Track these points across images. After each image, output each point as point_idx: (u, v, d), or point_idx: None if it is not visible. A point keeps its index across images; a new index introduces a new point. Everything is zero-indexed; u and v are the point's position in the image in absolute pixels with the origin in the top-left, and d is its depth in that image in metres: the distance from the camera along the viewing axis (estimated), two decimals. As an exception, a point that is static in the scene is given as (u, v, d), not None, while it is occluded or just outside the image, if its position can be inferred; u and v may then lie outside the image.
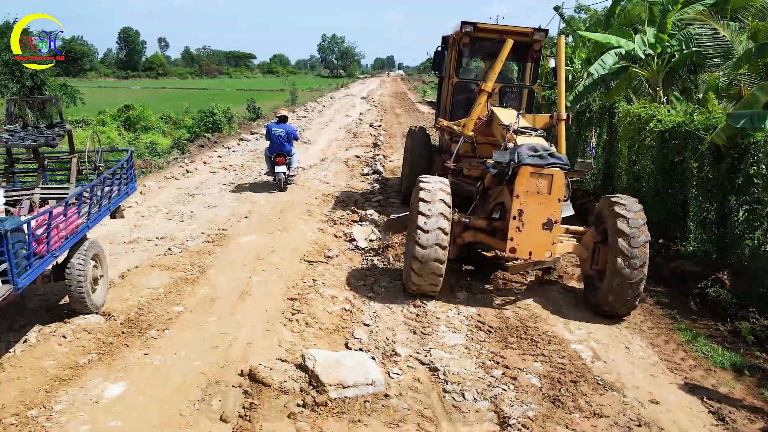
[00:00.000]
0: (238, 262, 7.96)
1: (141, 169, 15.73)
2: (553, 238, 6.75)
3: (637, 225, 6.60)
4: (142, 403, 4.69)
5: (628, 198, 6.97)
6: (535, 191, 6.64)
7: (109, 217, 7.33)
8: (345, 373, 4.97)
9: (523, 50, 9.68)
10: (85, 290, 5.86)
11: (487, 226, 7.33)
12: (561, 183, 6.66)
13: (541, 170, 6.62)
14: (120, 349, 5.53)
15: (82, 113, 28.29)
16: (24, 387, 4.84)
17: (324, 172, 14.60)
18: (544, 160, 6.74)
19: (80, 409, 4.57)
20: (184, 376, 5.09)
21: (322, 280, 7.43)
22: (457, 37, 9.48)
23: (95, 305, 6.09)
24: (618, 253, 6.51)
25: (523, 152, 6.77)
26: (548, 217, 6.66)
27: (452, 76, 9.85)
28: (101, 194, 6.55)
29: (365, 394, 4.86)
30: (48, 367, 5.15)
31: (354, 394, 4.83)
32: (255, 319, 6.23)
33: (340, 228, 9.75)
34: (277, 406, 4.66)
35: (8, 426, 4.32)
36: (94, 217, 6.34)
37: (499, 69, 8.50)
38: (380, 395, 4.89)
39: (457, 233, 7.33)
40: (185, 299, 6.71)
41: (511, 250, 6.73)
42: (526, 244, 6.69)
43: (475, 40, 9.52)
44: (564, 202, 7.74)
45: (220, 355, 5.47)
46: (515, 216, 6.65)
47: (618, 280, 6.51)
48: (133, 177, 7.92)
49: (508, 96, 9.94)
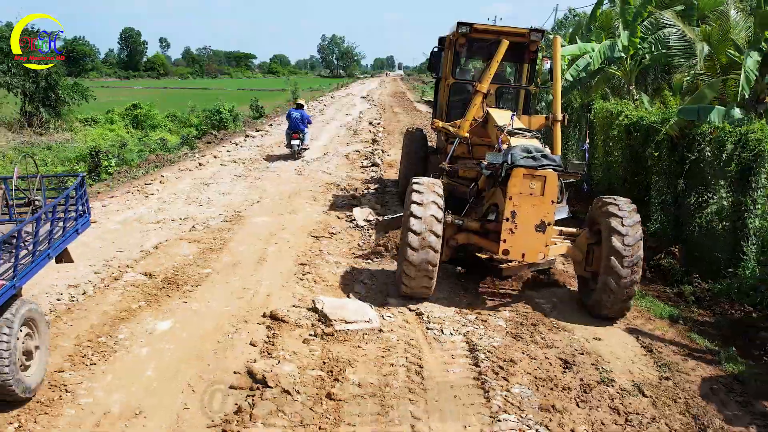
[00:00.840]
0: (254, 237, 9.25)
1: (155, 163, 17.06)
2: (547, 240, 6.74)
3: (630, 224, 6.62)
4: (187, 334, 5.97)
5: (621, 199, 7.00)
6: (528, 193, 6.63)
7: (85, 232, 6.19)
8: (347, 314, 6.27)
9: (519, 51, 9.67)
10: (9, 369, 4.28)
11: (480, 227, 7.32)
12: (554, 184, 6.67)
13: (534, 172, 6.61)
14: (163, 298, 6.82)
15: (90, 112, 29.52)
16: (92, 323, 6.12)
17: (327, 164, 15.90)
18: (537, 161, 6.74)
19: (139, 338, 5.85)
20: (217, 317, 6.37)
21: (327, 250, 8.73)
22: (454, 37, 9.55)
23: (26, 388, 4.49)
24: (612, 252, 6.54)
25: (516, 154, 6.78)
26: (541, 219, 6.65)
27: (448, 77, 9.95)
28: (35, 239, 4.88)
29: (364, 328, 6.15)
30: (107, 310, 6.43)
31: (355, 328, 6.12)
32: (272, 279, 7.52)
33: (342, 210, 11.04)
34: (293, 336, 5.94)
35: (85, 348, 5.59)
36: (24, 272, 4.67)
37: (495, 70, 8.46)
38: (375, 330, 6.17)
39: (450, 235, 7.32)
40: (212, 264, 8.00)
41: (504, 252, 6.74)
42: (519, 246, 6.69)
43: (472, 41, 9.59)
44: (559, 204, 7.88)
45: (245, 304, 6.76)
46: (508, 218, 6.64)
47: (612, 280, 6.54)
48: (87, 209, 6.23)
49: (504, 97, 10.02)
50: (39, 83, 25.50)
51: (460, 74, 10.26)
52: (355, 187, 13.09)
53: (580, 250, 7.32)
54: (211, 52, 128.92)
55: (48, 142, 22.74)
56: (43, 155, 18.37)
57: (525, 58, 9.86)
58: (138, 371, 5.23)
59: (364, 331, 6.09)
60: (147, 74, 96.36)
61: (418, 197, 6.76)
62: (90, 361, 5.34)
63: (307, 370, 5.30)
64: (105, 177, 15.49)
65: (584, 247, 7.27)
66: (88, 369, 5.21)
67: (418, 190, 6.84)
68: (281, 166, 15.53)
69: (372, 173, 14.77)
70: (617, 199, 6.93)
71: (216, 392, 4.90)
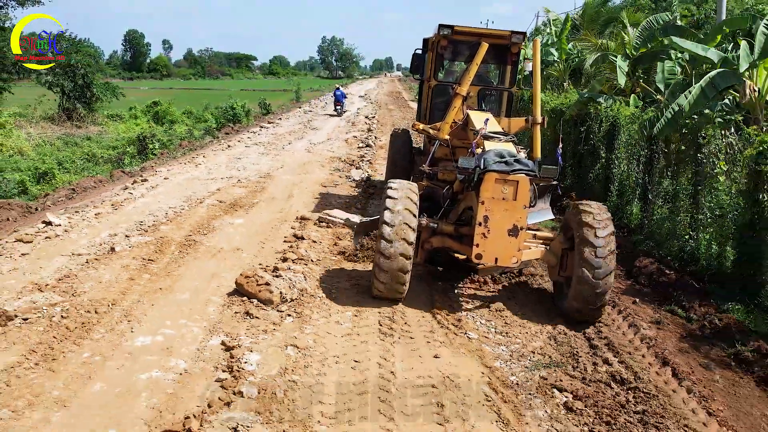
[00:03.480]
0: (283, 186, 13.71)
1: (188, 147, 21.51)
2: (519, 244, 6.81)
3: (603, 235, 6.66)
4: (253, 225, 10.41)
5: (595, 205, 7.03)
6: (500, 197, 6.69)
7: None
8: (338, 216, 10.68)
9: (501, 53, 10.00)
10: None
11: (454, 231, 7.46)
12: (526, 189, 6.72)
13: (507, 177, 6.69)
14: (233, 211, 11.26)
15: (115, 109, 33.94)
16: (195, 220, 10.52)
17: (330, 146, 20.39)
18: (509, 166, 6.82)
19: (226, 226, 10.26)
20: (269, 218, 10.82)
21: (333, 191, 13.17)
22: (436, 39, 9.87)
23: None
24: (584, 263, 6.60)
25: (489, 158, 6.87)
26: (514, 224, 6.72)
27: (431, 79, 10.28)
28: None
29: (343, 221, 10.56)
30: (203, 215, 10.85)
31: (340, 221, 10.54)
32: (298, 204, 11.96)
33: (342, 173, 15.49)
34: (313, 228, 10.33)
35: (197, 229, 9.98)
36: None
37: (474, 72, 8.60)
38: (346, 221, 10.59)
39: (425, 238, 7.48)
40: (258, 198, 12.45)
41: (476, 256, 6.80)
42: (492, 251, 6.77)
43: (454, 43, 9.89)
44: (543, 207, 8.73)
45: (284, 214, 11.18)
46: (481, 222, 6.71)
47: (584, 290, 6.64)
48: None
49: (487, 99, 10.26)
50: (77, 82, 29.96)
51: (445, 76, 10.79)
52: (353, 159, 17.58)
53: (554, 255, 7.45)
54: (213, 54, 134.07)
55: (86, 134, 27.12)
56: (85, 144, 22.77)
57: (507, 60, 10.21)
58: (232, 237, 9.67)
59: (343, 223, 10.44)
60: (150, 75, 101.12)
61: (392, 203, 6.82)
62: (204, 232, 9.77)
63: (322, 236, 9.73)
64: (151, 157, 19.94)
65: (558, 252, 7.41)
66: (204, 236, 9.63)
67: (392, 196, 6.90)
68: (295, 147, 20.09)
69: (366, 151, 19.24)
70: (592, 207, 6.96)
71: (277, 242, 9.33)
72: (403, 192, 6.96)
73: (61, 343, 5.82)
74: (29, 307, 6.44)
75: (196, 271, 8.02)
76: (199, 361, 5.64)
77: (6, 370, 5.28)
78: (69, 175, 17.04)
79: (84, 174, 17.02)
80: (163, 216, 10.69)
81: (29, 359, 5.49)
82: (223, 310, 6.76)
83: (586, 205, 7.02)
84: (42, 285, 7.18)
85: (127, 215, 10.76)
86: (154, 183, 13.79)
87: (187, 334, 6.18)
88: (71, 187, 14.77)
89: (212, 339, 6.07)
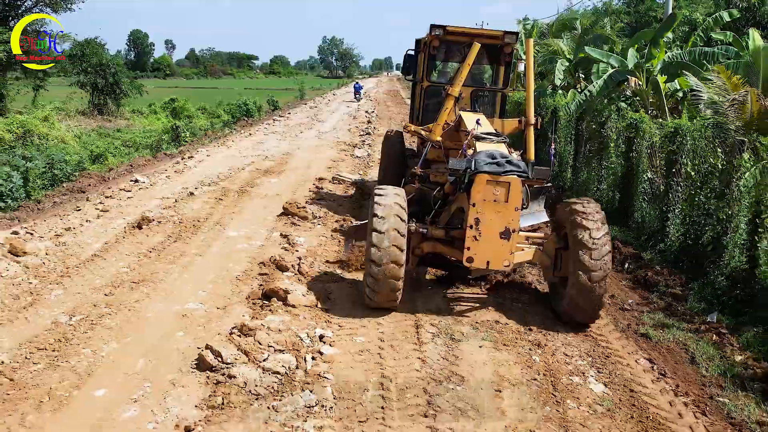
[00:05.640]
0: (301, 160, 17.88)
1: (212, 136, 25.59)
2: (512, 247, 6.78)
3: (598, 236, 6.64)
4: (285, 182, 14.54)
5: (589, 204, 7.02)
6: (492, 199, 6.64)
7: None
8: (345, 175, 14.79)
9: (494, 53, 10.09)
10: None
11: (445, 235, 7.39)
12: (518, 191, 6.67)
13: (498, 178, 6.63)
14: (270, 174, 15.45)
15: (135, 105, 37.97)
16: (241, 181, 14.62)
17: (336, 134, 24.59)
18: (501, 167, 6.74)
19: (263, 185, 14.37)
20: (296, 179, 15.00)
21: (341, 164, 17.32)
22: (428, 40, 9.88)
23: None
24: (579, 266, 6.59)
25: (480, 160, 6.81)
26: (506, 226, 6.68)
27: (423, 80, 10.32)
28: None
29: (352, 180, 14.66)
30: (245, 177, 14.97)
31: (348, 179, 14.64)
32: (315, 171, 16.10)
33: (348, 152, 19.63)
34: (328, 186, 14.41)
35: (245, 185, 14.06)
36: None
37: (466, 73, 8.57)
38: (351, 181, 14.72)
39: (415, 244, 7.40)
40: (284, 167, 16.63)
41: (468, 259, 6.77)
42: (484, 254, 6.74)
43: (447, 43, 9.95)
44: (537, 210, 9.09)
45: (306, 177, 15.33)
46: (472, 225, 6.67)
47: (581, 293, 6.64)
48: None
49: (481, 100, 10.27)
50: (107, 79, 34.03)
51: (440, 77, 10.99)
52: (355, 143, 21.74)
53: (547, 255, 7.42)
54: (214, 53, 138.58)
55: (115, 126, 31.14)
56: (118, 135, 26.79)
57: (500, 60, 10.29)
58: (272, 188, 13.81)
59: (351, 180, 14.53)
60: (153, 75, 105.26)
61: (380, 210, 6.77)
62: (251, 186, 13.88)
63: (336, 187, 13.85)
64: (183, 143, 24.04)
65: (552, 253, 7.38)
66: (252, 188, 13.73)
67: (380, 203, 6.85)
68: (306, 135, 24.33)
69: (366, 138, 23.41)
70: (585, 206, 6.94)
71: (304, 191, 13.44)
72: (391, 198, 6.93)
73: (184, 233, 9.96)
74: (158, 216, 10.55)
75: (253, 205, 12.17)
76: (269, 241, 9.78)
77: (160, 243, 9.40)
78: (116, 158, 21.10)
79: (130, 156, 21.07)
80: (217, 177, 14.79)
81: (170, 238, 9.64)
82: (276, 222, 10.90)
83: (579, 203, 7.03)
84: (153, 210, 11.27)
85: (190, 177, 14.88)
86: (199, 159, 17.92)
87: (258, 230, 10.33)
88: (128, 164, 18.84)
89: (274, 233, 10.21)
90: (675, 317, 7.66)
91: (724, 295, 8.18)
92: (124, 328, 6.48)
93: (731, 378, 6.21)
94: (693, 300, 8.22)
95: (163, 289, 7.60)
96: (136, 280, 7.83)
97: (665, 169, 10.50)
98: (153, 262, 8.55)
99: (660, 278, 8.96)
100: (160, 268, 8.30)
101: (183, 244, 9.39)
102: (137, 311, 6.92)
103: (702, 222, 9.27)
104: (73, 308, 6.91)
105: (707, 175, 9.28)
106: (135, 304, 7.08)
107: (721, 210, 8.80)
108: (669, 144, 10.13)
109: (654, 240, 10.45)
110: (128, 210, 11.40)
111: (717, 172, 9.03)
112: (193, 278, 8.06)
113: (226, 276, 8.17)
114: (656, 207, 10.83)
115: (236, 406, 5.03)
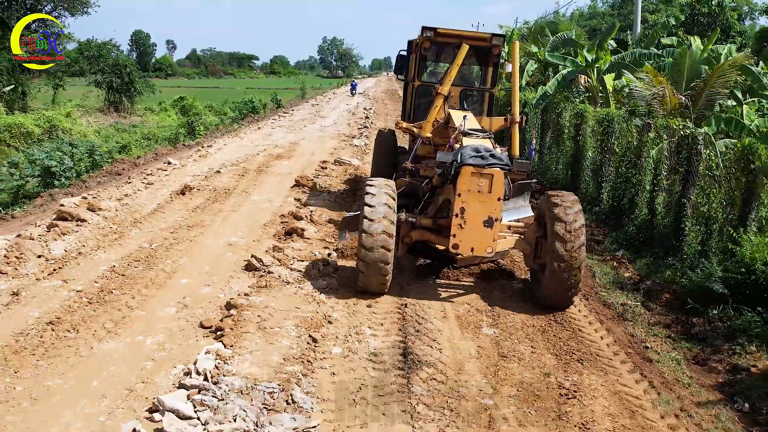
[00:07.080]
0: (307, 148, 20.75)
1: (224, 130, 28.44)
2: (494, 235, 7.35)
3: (574, 229, 7.25)
4: (294, 165, 17.38)
5: (567, 197, 7.59)
6: (476, 190, 7.17)
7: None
8: (345, 159, 17.63)
9: (483, 55, 10.64)
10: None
11: (432, 224, 7.93)
12: (501, 182, 7.23)
13: (482, 170, 7.17)
14: (281, 159, 18.32)
15: (146, 103, 40.69)
16: (257, 163, 17.44)
17: (337, 128, 27.47)
18: (485, 160, 7.29)
19: (277, 166, 17.21)
20: (303, 162, 17.84)
21: (341, 151, 20.16)
22: (419, 41, 10.34)
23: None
24: (555, 257, 7.21)
25: (466, 153, 7.36)
26: (489, 215, 7.23)
27: (415, 80, 10.84)
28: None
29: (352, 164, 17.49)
30: (260, 161, 17.80)
31: (347, 162, 17.47)
32: (320, 156, 18.94)
33: (346, 142, 22.47)
34: (331, 167, 17.22)
35: (262, 167, 16.88)
36: None
37: (455, 73, 9.02)
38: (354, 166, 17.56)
39: (404, 233, 7.92)
40: (293, 153, 19.50)
41: (453, 246, 7.34)
42: (468, 241, 7.31)
43: (437, 45, 10.45)
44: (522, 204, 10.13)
45: (312, 161, 18.17)
46: (457, 214, 7.21)
47: (556, 281, 7.31)
48: None
49: (470, 99, 10.78)
50: (123, 79, 36.85)
51: (430, 77, 11.50)
52: (354, 135, 24.62)
53: (528, 243, 7.97)
54: (215, 54, 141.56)
55: (131, 122, 33.89)
56: (134, 130, 29.55)
57: (488, 61, 10.85)
58: (284, 168, 16.66)
59: (351, 165, 17.34)
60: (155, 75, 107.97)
61: (371, 199, 7.33)
62: (266, 167, 16.73)
63: (337, 168, 16.65)
64: (198, 136, 26.87)
65: (532, 240, 7.92)
66: (267, 168, 16.57)
67: (371, 192, 7.41)
68: (310, 128, 27.24)
69: (364, 131, 26.28)
70: (564, 199, 7.52)
71: (312, 170, 16.28)
72: (382, 189, 7.47)
73: (219, 197, 12.85)
74: (196, 185, 13.40)
75: (269, 180, 15.04)
76: (286, 202, 12.64)
77: (201, 204, 12.26)
78: (138, 149, 23.90)
79: (151, 148, 23.88)
80: (236, 160, 17.63)
81: (209, 200, 12.53)
82: (290, 191, 13.77)
83: (558, 197, 7.60)
84: (191, 181, 14.08)
85: (213, 160, 17.72)
86: (218, 147, 20.76)
87: (276, 197, 13.20)
88: (153, 152, 21.67)
89: (289, 198, 13.07)
90: (590, 253, 10.47)
91: (633, 239, 11.03)
92: (191, 251, 9.33)
93: (615, 284, 9.06)
94: (608, 243, 11.08)
95: (211, 231, 10.45)
96: (191, 225, 10.68)
97: (600, 148, 13.33)
98: (199, 215, 11.39)
99: (588, 230, 11.79)
100: (206, 219, 11.15)
101: (220, 204, 12.24)
102: (197, 242, 9.77)
103: (623, 187, 12.09)
104: (150, 239, 9.75)
105: (626, 150, 12.11)
106: (194, 238, 9.94)
107: (634, 176, 11.62)
108: (602, 128, 12.97)
109: (592, 205, 13.27)
110: (169, 183, 14.23)
111: (633, 148, 11.86)
112: (232, 225, 10.91)
113: (256, 224, 11.02)
114: (594, 179, 13.66)
115: (274, 287, 7.85)
